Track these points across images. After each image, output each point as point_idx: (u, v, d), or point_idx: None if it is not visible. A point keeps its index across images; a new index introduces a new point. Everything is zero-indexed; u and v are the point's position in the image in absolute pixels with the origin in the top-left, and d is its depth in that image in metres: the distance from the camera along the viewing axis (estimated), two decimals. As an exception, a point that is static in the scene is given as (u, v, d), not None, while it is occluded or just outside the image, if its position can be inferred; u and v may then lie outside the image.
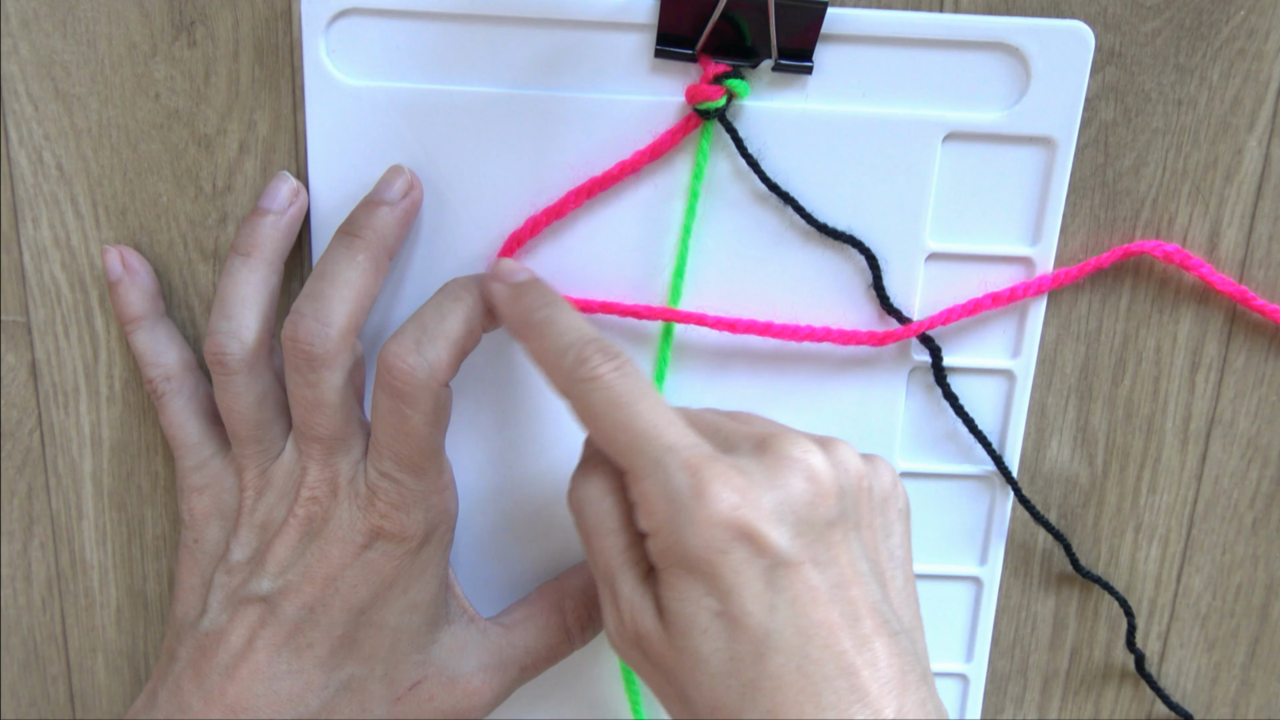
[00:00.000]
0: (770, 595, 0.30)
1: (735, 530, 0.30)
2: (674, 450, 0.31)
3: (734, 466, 0.31)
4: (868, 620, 0.31)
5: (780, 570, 0.30)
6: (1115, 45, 0.37)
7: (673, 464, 0.31)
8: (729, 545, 0.30)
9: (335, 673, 0.36)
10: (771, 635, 0.30)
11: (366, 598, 0.36)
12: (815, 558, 0.31)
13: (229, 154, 0.38)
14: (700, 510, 0.30)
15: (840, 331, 0.38)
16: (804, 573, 0.30)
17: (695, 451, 0.31)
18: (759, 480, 0.31)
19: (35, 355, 0.40)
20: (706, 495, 0.30)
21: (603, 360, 0.32)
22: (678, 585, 0.31)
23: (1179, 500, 0.42)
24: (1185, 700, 0.44)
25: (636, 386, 0.32)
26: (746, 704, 0.30)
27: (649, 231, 0.38)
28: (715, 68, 0.35)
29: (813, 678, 0.30)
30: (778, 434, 0.32)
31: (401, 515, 0.35)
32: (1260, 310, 0.39)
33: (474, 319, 0.35)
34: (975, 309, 0.38)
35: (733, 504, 0.30)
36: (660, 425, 0.31)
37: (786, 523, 0.30)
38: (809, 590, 0.30)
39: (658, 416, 0.31)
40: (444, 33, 0.36)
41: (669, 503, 0.31)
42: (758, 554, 0.30)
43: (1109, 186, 0.38)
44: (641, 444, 0.31)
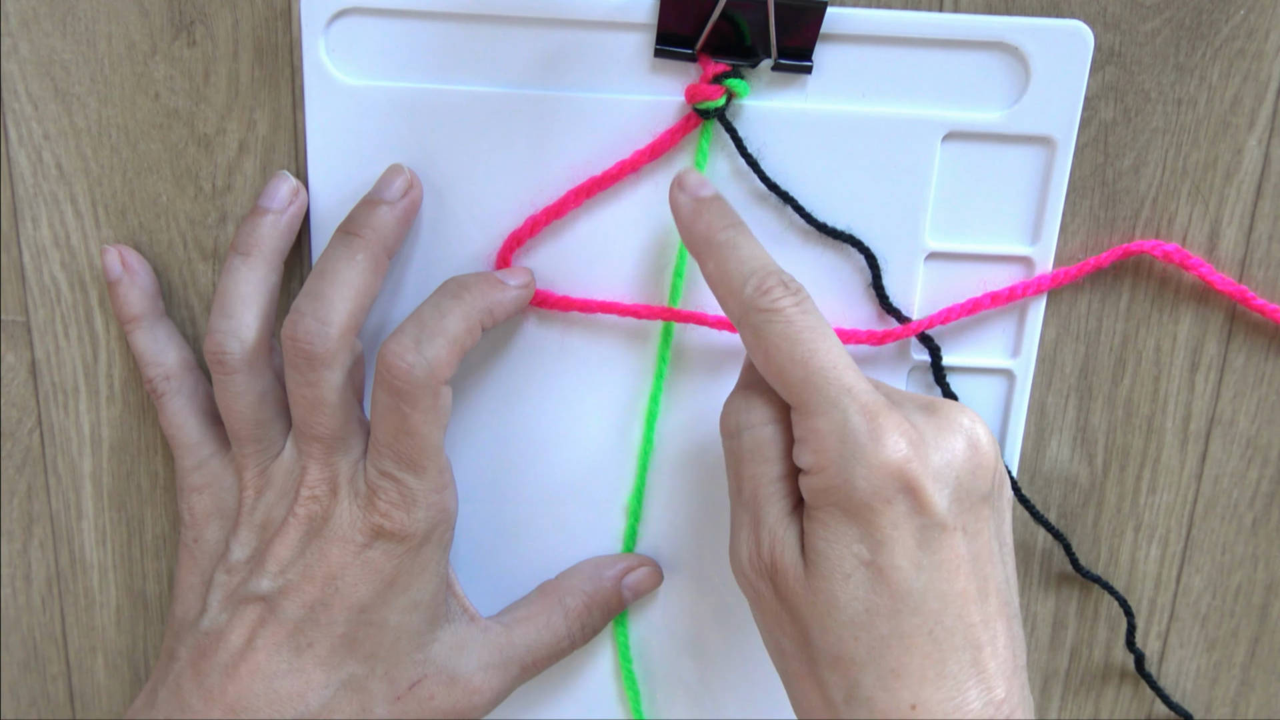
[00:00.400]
0: (920, 554, 0.31)
1: (903, 482, 0.30)
2: (852, 393, 0.31)
3: (908, 420, 0.31)
4: (994, 599, 0.31)
5: (934, 532, 0.31)
6: (1115, 45, 0.37)
7: (850, 405, 0.31)
8: (894, 496, 0.30)
9: (335, 672, 0.36)
10: (913, 594, 0.30)
11: (367, 596, 0.36)
12: (965, 526, 0.31)
13: (228, 153, 0.38)
14: (875, 455, 0.30)
15: (839, 330, 0.38)
16: (954, 539, 0.31)
17: (873, 398, 0.31)
18: (929, 438, 0.31)
19: (35, 355, 0.40)
20: (882, 441, 0.30)
21: (784, 294, 0.32)
22: (832, 525, 0.31)
23: (1179, 500, 0.42)
24: (1185, 700, 0.44)
25: (817, 324, 0.32)
26: (873, 658, 0.31)
27: (649, 231, 0.38)
28: (715, 67, 0.35)
29: (941, 644, 0.30)
30: (940, 400, 0.33)
31: (402, 514, 0.35)
32: (1260, 310, 0.39)
33: (473, 317, 0.35)
34: (974, 308, 0.38)
35: (905, 456, 0.30)
36: (840, 366, 0.31)
37: (949, 486, 0.31)
38: (955, 558, 0.31)
39: (837, 357, 0.32)
40: (443, 32, 0.36)
41: (842, 442, 0.31)
42: (917, 510, 0.30)
43: (1109, 186, 0.38)
44: (820, 381, 0.31)
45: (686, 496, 0.41)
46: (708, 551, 0.41)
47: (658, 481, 0.40)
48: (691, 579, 0.42)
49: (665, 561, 0.41)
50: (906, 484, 0.30)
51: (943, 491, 0.31)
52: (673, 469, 0.40)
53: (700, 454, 0.40)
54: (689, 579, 0.42)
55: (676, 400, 0.40)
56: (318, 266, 0.35)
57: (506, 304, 0.37)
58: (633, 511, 0.40)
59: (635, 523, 0.41)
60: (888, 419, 0.31)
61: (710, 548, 0.41)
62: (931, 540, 0.31)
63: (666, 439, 0.40)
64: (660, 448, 0.40)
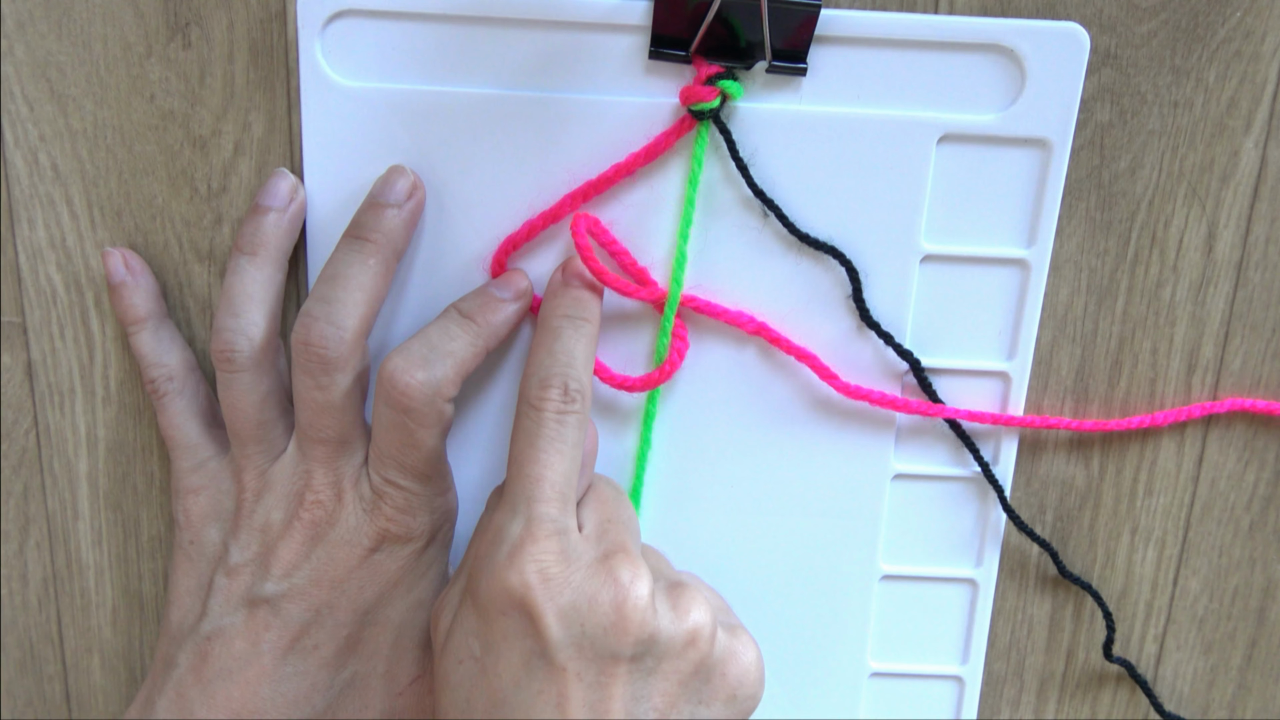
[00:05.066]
0: (522, 674, 0.32)
1: (521, 604, 0.32)
2: (531, 509, 0.33)
3: (564, 555, 0.32)
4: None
5: (540, 661, 0.32)
6: (1111, 47, 0.37)
7: (519, 518, 0.33)
8: (509, 610, 0.32)
9: (340, 672, 0.36)
10: (508, 705, 0.32)
11: (372, 598, 0.36)
12: (582, 673, 0.32)
13: (224, 155, 0.38)
14: (504, 568, 0.32)
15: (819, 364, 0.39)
16: (563, 678, 0.32)
17: (542, 521, 0.33)
18: (578, 580, 0.32)
19: (31, 356, 0.40)
20: (517, 560, 0.32)
21: (558, 399, 0.34)
22: (465, 611, 0.33)
23: (1175, 503, 0.42)
24: (1182, 703, 0.44)
25: (563, 438, 0.34)
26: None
27: (644, 234, 0.38)
28: (709, 69, 0.35)
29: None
30: (627, 559, 0.33)
31: (407, 518, 0.36)
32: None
33: (479, 345, 0.36)
34: (944, 415, 0.39)
35: (527, 583, 0.32)
36: (546, 482, 0.33)
37: (573, 628, 0.32)
38: (560, 695, 0.32)
39: (551, 473, 0.33)
40: (439, 34, 0.36)
41: (493, 543, 0.33)
42: (529, 633, 0.32)
43: (1105, 188, 0.38)
44: (518, 484, 0.34)
45: (684, 497, 0.41)
46: (707, 551, 0.41)
47: (655, 482, 0.40)
48: (687, 581, 0.42)
49: (661, 563, 0.41)
50: (523, 605, 0.32)
51: (563, 630, 0.32)
52: (670, 470, 0.40)
53: (699, 454, 0.40)
54: (684, 581, 0.42)
55: (674, 401, 0.40)
56: (327, 270, 0.35)
57: (510, 323, 0.37)
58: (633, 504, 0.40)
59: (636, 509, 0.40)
60: (537, 546, 0.32)
61: (709, 547, 0.41)
62: (536, 667, 0.32)
63: (664, 439, 0.40)
64: (657, 448, 0.40)
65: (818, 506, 0.41)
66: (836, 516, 0.41)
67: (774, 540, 0.41)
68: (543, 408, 0.34)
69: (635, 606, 0.32)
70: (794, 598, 0.42)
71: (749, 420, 0.40)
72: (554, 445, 0.34)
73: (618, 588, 0.32)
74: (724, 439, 0.40)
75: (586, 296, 0.36)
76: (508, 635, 0.32)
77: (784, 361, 0.39)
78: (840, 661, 0.43)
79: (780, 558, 0.41)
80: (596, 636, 0.32)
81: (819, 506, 0.41)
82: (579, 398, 0.34)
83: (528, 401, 0.34)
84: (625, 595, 0.32)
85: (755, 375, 0.39)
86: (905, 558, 0.42)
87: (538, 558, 0.32)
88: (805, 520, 0.41)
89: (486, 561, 0.33)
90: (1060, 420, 0.40)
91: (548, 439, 0.34)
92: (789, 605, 0.42)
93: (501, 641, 0.32)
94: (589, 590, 0.32)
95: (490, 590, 0.32)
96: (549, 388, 0.34)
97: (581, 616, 0.32)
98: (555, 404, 0.34)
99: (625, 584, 0.32)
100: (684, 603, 0.33)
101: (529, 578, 0.32)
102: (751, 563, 0.41)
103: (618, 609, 0.32)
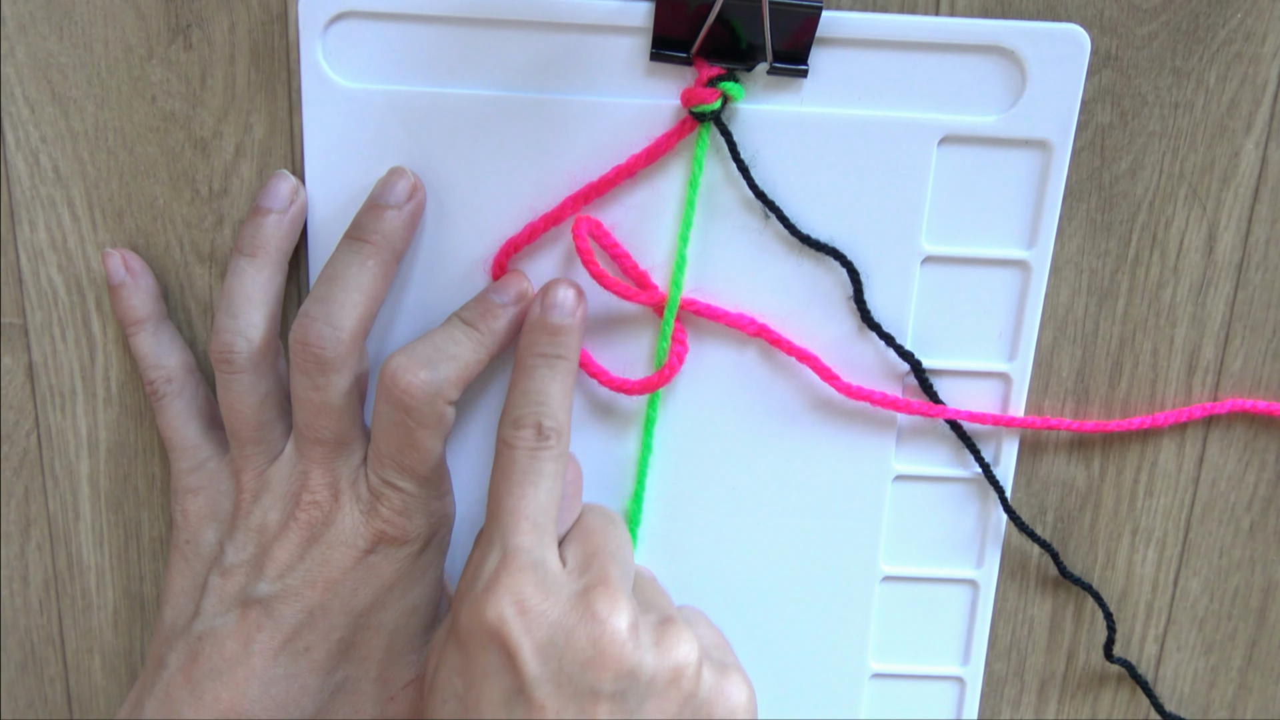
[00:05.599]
0: (502, 713, 0.32)
1: (498, 638, 0.32)
2: (507, 542, 0.33)
3: (542, 586, 0.32)
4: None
5: (521, 698, 0.31)
6: (1111, 48, 0.37)
7: (495, 552, 0.33)
8: (488, 644, 0.32)
9: (331, 676, 0.36)
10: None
11: (367, 601, 0.36)
12: (562, 711, 0.31)
13: (225, 157, 0.38)
14: (482, 600, 0.32)
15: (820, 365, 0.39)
16: (544, 717, 0.31)
17: (518, 553, 0.33)
18: (555, 614, 0.32)
19: (32, 357, 0.40)
20: (493, 591, 0.32)
21: (532, 437, 0.34)
22: (449, 648, 0.33)
23: (1176, 503, 0.42)
24: (1182, 704, 0.44)
25: (538, 472, 0.34)
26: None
27: (645, 236, 0.38)
28: (710, 71, 0.35)
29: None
30: (606, 592, 0.32)
31: (405, 520, 0.36)
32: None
33: (483, 352, 0.36)
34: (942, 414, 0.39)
35: (503, 616, 0.32)
36: (520, 515, 0.34)
37: (550, 664, 0.31)
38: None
39: (525, 506, 0.34)
40: (440, 36, 0.36)
41: (472, 577, 0.33)
42: (508, 669, 0.32)
43: (1105, 190, 0.38)
44: (495, 518, 0.34)
45: (686, 499, 0.41)
46: (708, 553, 0.41)
47: (657, 484, 0.40)
48: (692, 584, 0.42)
49: (665, 566, 0.41)
50: (500, 639, 0.32)
51: (541, 666, 0.31)
52: (672, 472, 0.40)
53: (700, 456, 0.40)
54: (690, 584, 0.42)
55: (675, 403, 0.40)
56: (326, 271, 0.35)
57: (512, 329, 0.37)
58: (633, 516, 0.40)
59: (635, 527, 0.41)
60: (513, 578, 0.32)
61: (710, 549, 0.41)
62: (516, 705, 0.32)
63: (666, 442, 0.40)
64: (659, 450, 0.40)
65: (819, 508, 0.41)
66: (837, 517, 0.41)
67: (775, 541, 0.41)
68: (516, 445, 0.34)
69: (613, 640, 0.31)
70: (795, 599, 0.42)
71: (750, 422, 0.40)
72: (528, 479, 0.34)
73: (595, 622, 0.32)
74: (725, 441, 0.40)
75: (563, 332, 0.36)
76: (487, 672, 0.32)
77: (785, 363, 0.39)
78: (841, 662, 0.43)
79: (781, 559, 0.41)
80: (575, 672, 0.31)
81: (820, 508, 0.41)
82: (553, 435, 0.35)
83: (503, 440, 0.35)
84: (603, 629, 0.32)
85: (756, 377, 0.39)
86: (906, 559, 0.42)
87: (514, 590, 0.32)
88: (806, 521, 0.41)
89: (466, 596, 0.33)
90: (1061, 421, 0.40)
91: (521, 473, 0.34)
92: (790, 606, 0.42)
93: (482, 679, 0.32)
94: (566, 624, 0.32)
95: (469, 624, 0.32)
96: (522, 427, 0.35)
97: (559, 651, 0.31)
98: (528, 443, 0.34)
99: (603, 618, 0.32)
100: (669, 639, 0.33)
101: (505, 610, 0.32)
102: (753, 564, 0.41)
103: (595, 643, 0.31)
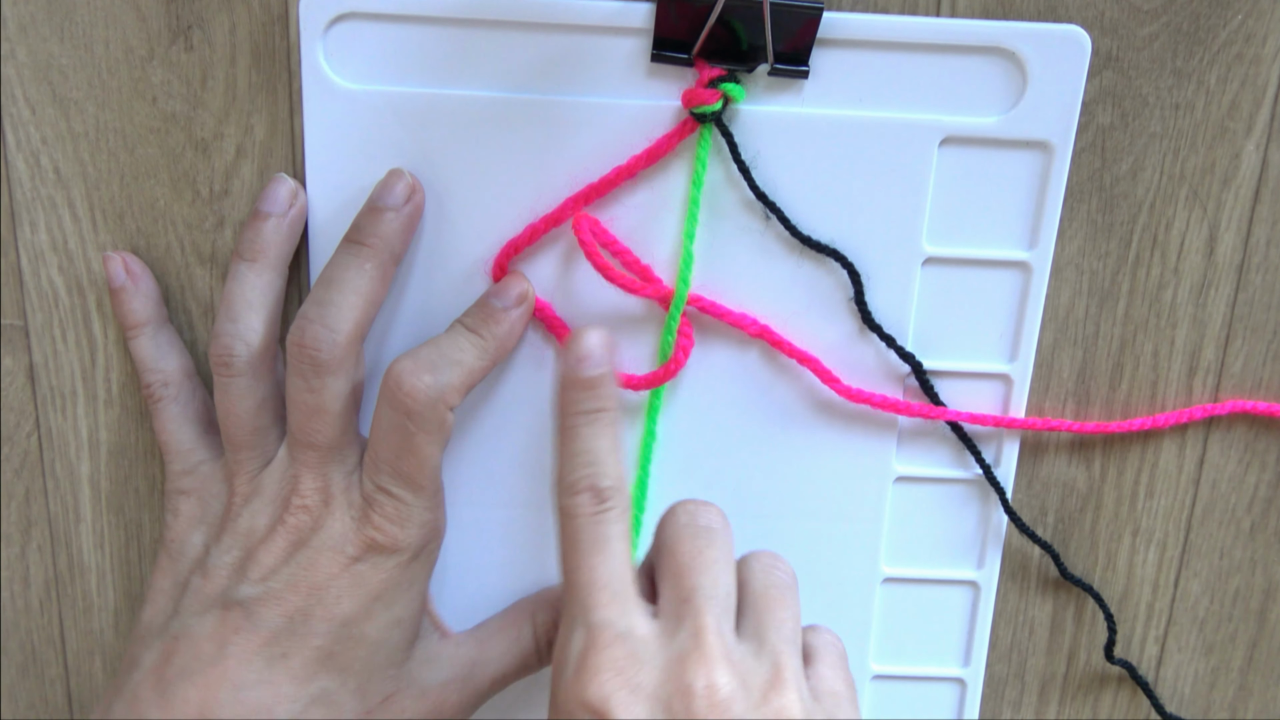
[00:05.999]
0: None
1: (597, 714, 0.30)
2: (588, 617, 0.32)
3: (635, 658, 0.31)
4: None
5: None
6: (1112, 49, 0.37)
7: (579, 630, 0.32)
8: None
9: (307, 685, 0.35)
10: None
11: (350, 610, 0.35)
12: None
13: (226, 158, 0.38)
14: (574, 684, 0.31)
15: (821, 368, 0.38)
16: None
17: (602, 629, 0.31)
18: (652, 685, 0.31)
19: (33, 359, 0.40)
20: (583, 674, 0.31)
21: (589, 501, 0.33)
22: (554, 714, 0.32)
23: (1176, 505, 0.42)
24: (1183, 705, 0.44)
25: (604, 537, 0.33)
26: None
27: (646, 237, 0.38)
28: (711, 72, 0.35)
29: None
30: (704, 657, 0.31)
31: (396, 529, 0.35)
32: None
33: (488, 358, 0.36)
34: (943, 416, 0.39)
35: (603, 694, 0.30)
36: (597, 587, 0.32)
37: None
38: None
39: (599, 576, 0.32)
40: (441, 37, 0.36)
41: (560, 657, 0.32)
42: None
43: (1106, 191, 0.38)
44: (572, 594, 0.33)
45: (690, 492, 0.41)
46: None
47: (659, 485, 0.40)
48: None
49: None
50: (602, 716, 0.30)
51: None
52: (674, 472, 0.40)
53: (702, 457, 0.40)
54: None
55: (678, 404, 0.40)
56: (325, 274, 0.35)
57: (515, 333, 0.37)
58: (636, 505, 0.40)
59: (639, 527, 0.41)
60: (602, 655, 0.31)
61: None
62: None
63: (668, 442, 0.40)
64: (661, 451, 0.40)
65: (820, 509, 0.41)
66: (838, 519, 0.41)
67: (776, 542, 0.41)
68: (576, 514, 0.33)
69: (711, 708, 0.30)
70: (796, 600, 0.42)
71: (752, 422, 0.40)
72: (596, 547, 0.33)
73: (691, 695, 0.30)
74: (727, 442, 0.40)
75: (600, 384, 0.34)
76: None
77: (786, 365, 0.39)
78: (842, 663, 0.43)
79: (782, 560, 0.41)
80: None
81: (821, 509, 0.41)
82: (612, 495, 0.33)
83: (563, 510, 0.33)
84: (699, 702, 0.30)
85: (758, 378, 0.39)
86: (907, 560, 0.42)
87: (605, 668, 0.31)
88: (807, 523, 0.41)
89: (559, 682, 0.32)
90: (1061, 422, 0.40)
91: (590, 542, 0.33)
92: (791, 607, 0.42)
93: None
94: (663, 696, 0.30)
95: (569, 709, 0.31)
96: (578, 494, 0.33)
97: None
98: (588, 508, 0.33)
99: (699, 690, 0.30)
100: (773, 699, 0.31)
101: (604, 689, 0.30)
102: (753, 565, 0.41)
103: (693, 714, 0.30)
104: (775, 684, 0.32)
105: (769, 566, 0.35)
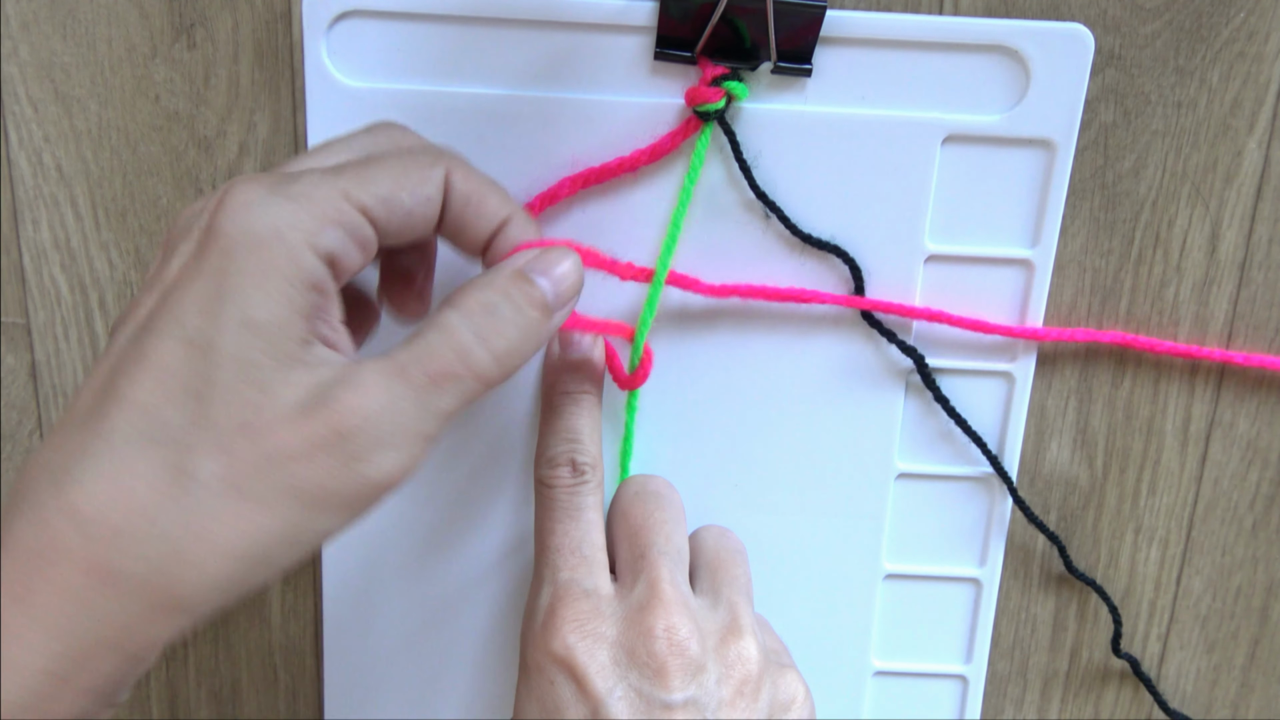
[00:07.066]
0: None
1: (564, 666, 0.32)
2: (556, 577, 0.34)
3: (597, 612, 0.33)
4: None
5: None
6: (1115, 47, 0.37)
7: (548, 588, 0.34)
8: (556, 676, 0.32)
9: None
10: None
11: None
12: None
13: (229, 156, 0.38)
14: (541, 636, 0.33)
15: (814, 292, 0.38)
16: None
17: (570, 586, 0.33)
18: (613, 634, 0.32)
19: (35, 357, 0.40)
20: (550, 625, 0.32)
21: (567, 474, 0.35)
22: (520, 689, 0.34)
23: (1179, 502, 0.42)
24: (1185, 702, 0.44)
25: (577, 507, 0.35)
26: None
27: (647, 236, 0.38)
28: (714, 70, 0.35)
29: None
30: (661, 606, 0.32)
31: None
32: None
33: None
34: (968, 326, 0.38)
35: (567, 644, 0.32)
36: (565, 551, 0.34)
37: (621, 684, 0.32)
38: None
39: (573, 538, 0.34)
40: (445, 34, 0.36)
41: (530, 616, 0.34)
42: (582, 695, 0.32)
43: (1109, 189, 0.38)
44: (543, 557, 0.35)
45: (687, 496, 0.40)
46: (708, 553, 0.41)
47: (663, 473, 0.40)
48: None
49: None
50: (569, 668, 0.32)
51: (613, 687, 0.32)
52: (674, 470, 0.40)
53: (701, 453, 0.40)
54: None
55: (676, 400, 0.40)
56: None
57: None
58: None
59: None
60: (569, 608, 0.33)
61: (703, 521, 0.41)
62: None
63: (668, 439, 0.40)
64: (661, 449, 0.40)
65: (822, 506, 0.41)
66: (841, 516, 0.41)
67: (778, 539, 0.41)
68: (555, 485, 0.35)
69: (675, 649, 0.32)
70: (798, 597, 0.42)
71: (753, 419, 0.40)
72: (570, 515, 0.35)
73: (651, 636, 0.32)
74: (728, 438, 0.40)
75: (584, 367, 0.37)
76: (564, 700, 0.32)
77: (788, 358, 0.39)
78: (844, 660, 0.43)
79: (784, 557, 0.41)
80: (645, 688, 0.32)
81: (823, 506, 0.41)
82: (589, 470, 0.35)
83: (540, 480, 0.36)
84: (665, 642, 0.32)
85: (758, 373, 0.39)
86: (909, 557, 0.42)
87: (569, 620, 0.32)
88: (809, 519, 0.41)
89: (528, 636, 0.34)
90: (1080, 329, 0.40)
91: (564, 510, 0.35)
92: (793, 604, 0.42)
93: (567, 709, 0.32)
94: (625, 643, 0.32)
95: (536, 660, 0.33)
96: (558, 466, 0.35)
97: (621, 671, 0.32)
98: (566, 481, 0.35)
99: (659, 633, 0.32)
100: (730, 644, 0.33)
101: (567, 639, 0.32)
102: (755, 562, 0.41)
103: (654, 656, 0.32)
104: (733, 630, 0.34)
105: (720, 534, 0.38)
